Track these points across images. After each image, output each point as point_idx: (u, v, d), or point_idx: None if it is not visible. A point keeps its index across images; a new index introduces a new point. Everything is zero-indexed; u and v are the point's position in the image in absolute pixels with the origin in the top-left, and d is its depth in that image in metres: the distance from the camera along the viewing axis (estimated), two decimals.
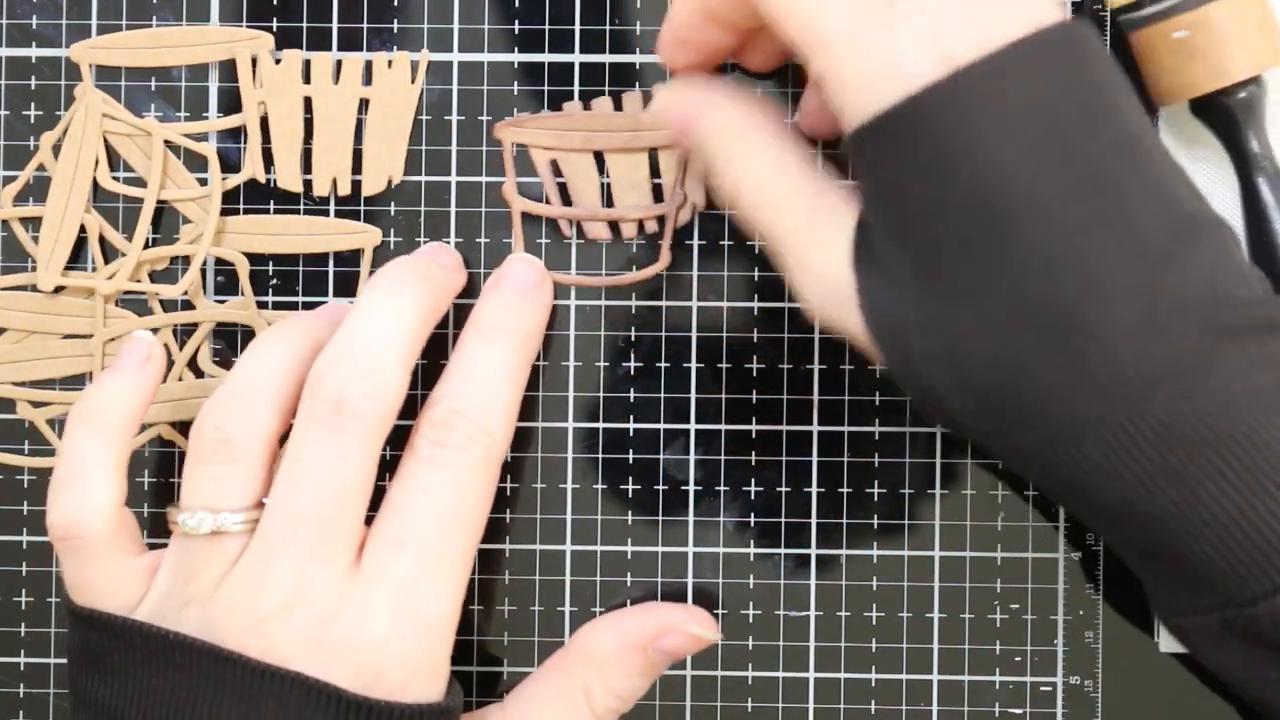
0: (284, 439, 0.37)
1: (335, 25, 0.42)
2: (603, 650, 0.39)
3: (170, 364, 0.42)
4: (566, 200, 0.41)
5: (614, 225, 0.41)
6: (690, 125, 0.37)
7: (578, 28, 0.41)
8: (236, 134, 0.42)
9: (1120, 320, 0.30)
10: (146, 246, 0.41)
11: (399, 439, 0.37)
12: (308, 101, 0.41)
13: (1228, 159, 0.39)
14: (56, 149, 0.42)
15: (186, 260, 0.41)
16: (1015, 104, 0.31)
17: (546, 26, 0.42)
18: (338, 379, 0.35)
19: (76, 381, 0.42)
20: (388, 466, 0.38)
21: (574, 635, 0.40)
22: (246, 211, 0.42)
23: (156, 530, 0.41)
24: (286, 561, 0.35)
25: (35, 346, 0.42)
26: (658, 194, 0.41)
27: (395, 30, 0.42)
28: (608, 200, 0.41)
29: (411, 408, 0.38)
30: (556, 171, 0.41)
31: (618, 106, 0.41)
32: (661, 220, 0.41)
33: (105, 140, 0.42)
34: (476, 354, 0.38)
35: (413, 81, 0.41)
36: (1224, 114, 0.38)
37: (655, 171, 0.41)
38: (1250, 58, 0.37)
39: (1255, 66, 0.38)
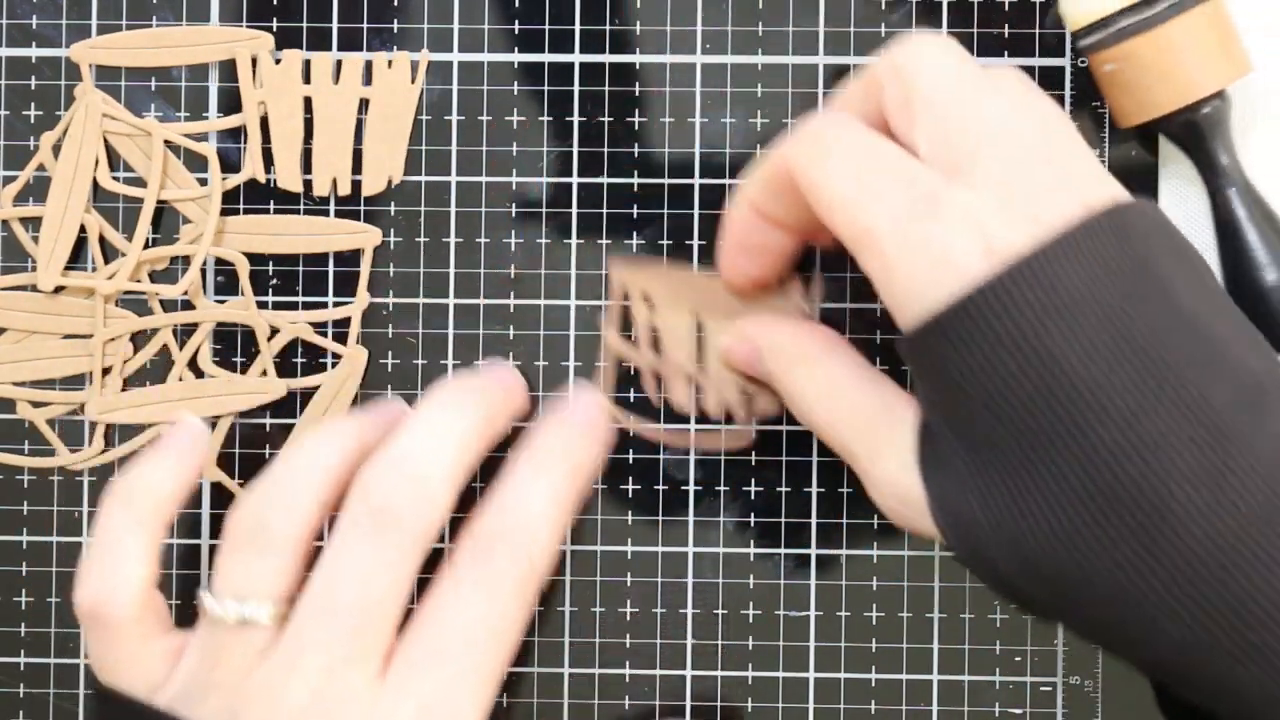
0: (320, 537, 0.36)
1: (335, 25, 0.42)
2: None
3: (170, 364, 0.42)
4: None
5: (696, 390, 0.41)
6: (756, 359, 0.38)
7: (578, 28, 0.41)
8: (236, 134, 0.42)
9: (1188, 501, 0.30)
10: (146, 246, 0.41)
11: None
12: (308, 101, 0.41)
13: (1196, 174, 0.39)
14: (56, 149, 0.42)
15: (186, 260, 0.41)
16: (1064, 295, 0.30)
17: (546, 26, 0.42)
18: (385, 486, 0.35)
19: (77, 381, 0.42)
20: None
21: None
22: (246, 211, 0.42)
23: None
24: (314, 661, 0.34)
25: (35, 346, 0.42)
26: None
27: (395, 30, 0.42)
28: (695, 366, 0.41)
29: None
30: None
31: None
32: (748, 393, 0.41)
33: (105, 140, 0.42)
34: (529, 479, 0.37)
35: (413, 81, 0.41)
36: (1191, 130, 0.38)
37: None
38: (1213, 73, 0.37)
39: (1219, 81, 0.38)
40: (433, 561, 0.35)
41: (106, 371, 0.41)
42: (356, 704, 0.34)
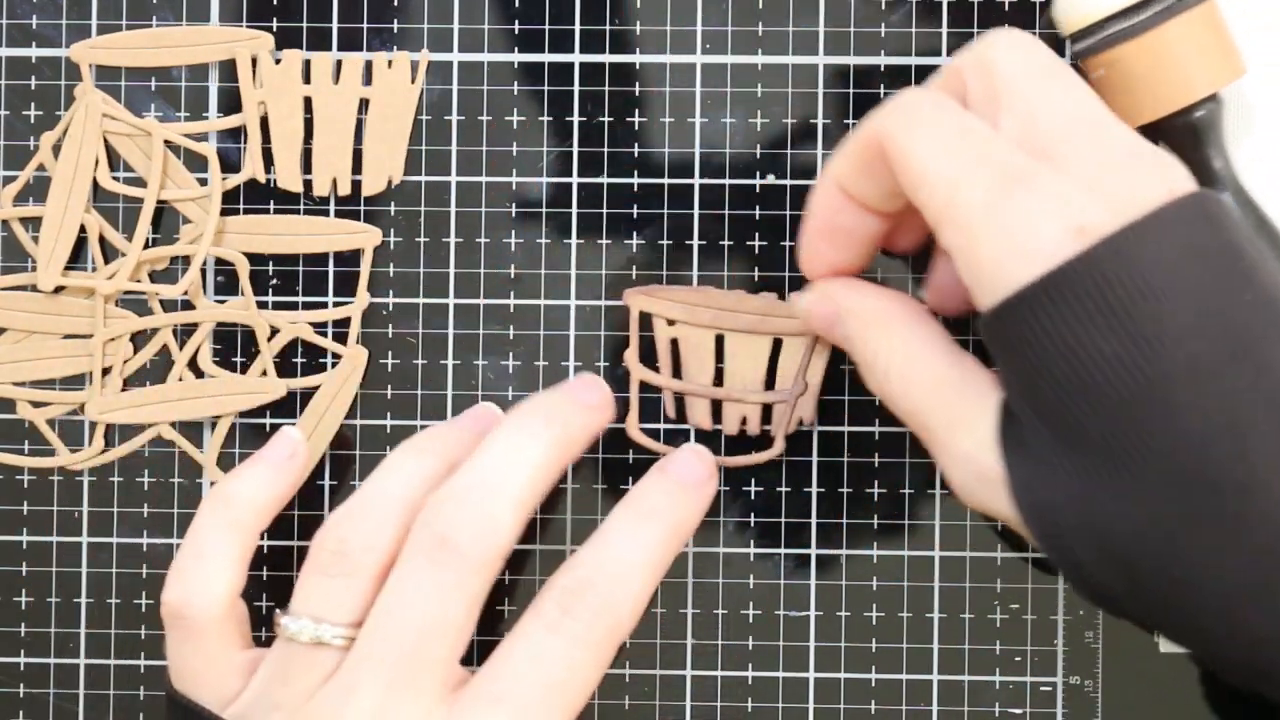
0: None
1: (335, 25, 0.42)
2: None
3: (170, 364, 0.42)
4: (676, 374, 0.41)
5: (715, 412, 0.41)
6: (836, 320, 0.37)
7: (578, 28, 0.41)
8: (236, 134, 0.42)
9: (1275, 485, 0.30)
10: (146, 246, 0.41)
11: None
12: (308, 101, 0.41)
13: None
14: (56, 149, 0.42)
15: (186, 260, 0.41)
16: (1155, 275, 0.30)
17: (546, 26, 0.42)
18: (448, 515, 0.35)
19: (77, 381, 0.42)
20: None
21: None
22: (246, 211, 0.42)
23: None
24: (372, 687, 0.34)
25: (35, 346, 0.42)
26: (767, 385, 0.41)
27: (395, 30, 0.42)
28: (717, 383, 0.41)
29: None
30: (674, 346, 0.41)
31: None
32: (766, 413, 0.41)
33: (105, 140, 0.42)
34: (625, 533, 0.37)
35: (413, 81, 0.41)
36: (1186, 133, 0.38)
37: (773, 360, 0.40)
38: (1209, 75, 0.37)
39: (1214, 84, 0.38)
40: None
41: (106, 371, 0.41)
42: None
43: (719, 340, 0.40)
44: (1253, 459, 0.30)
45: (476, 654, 0.37)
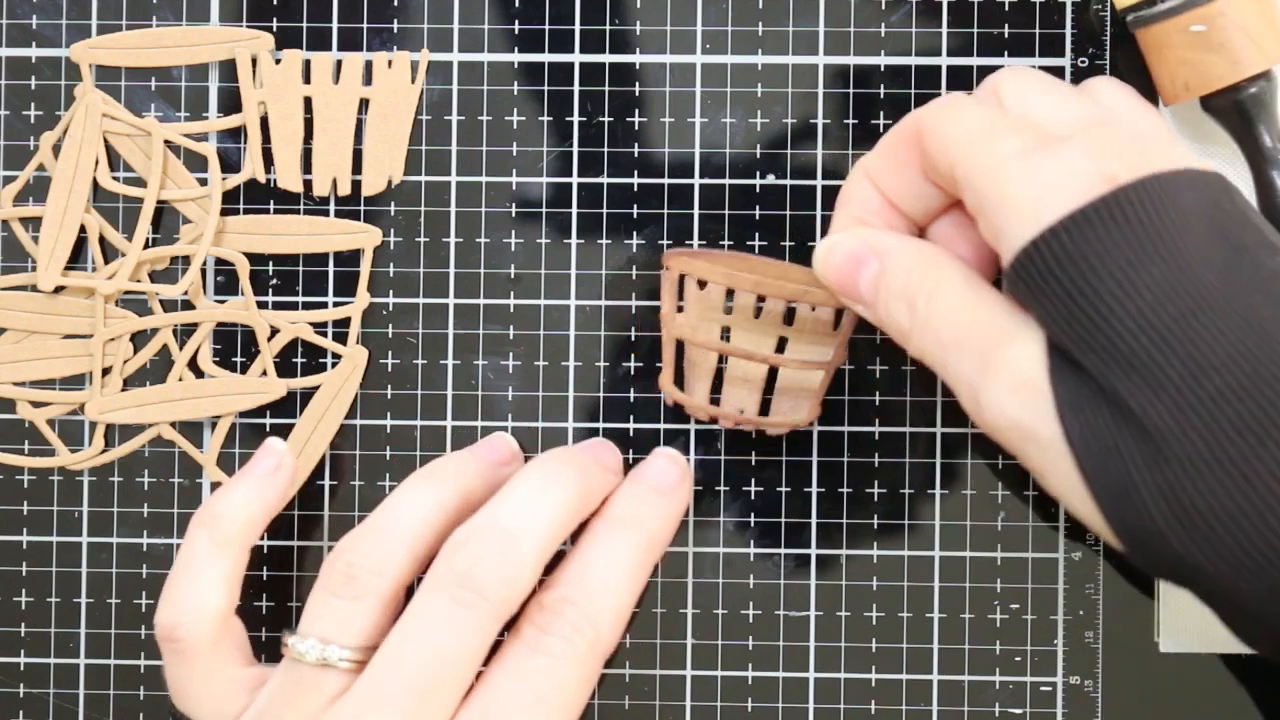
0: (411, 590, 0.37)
1: (335, 25, 0.42)
2: None
3: (170, 364, 0.42)
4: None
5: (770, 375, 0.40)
6: (864, 259, 0.37)
7: (578, 28, 0.41)
8: (236, 134, 0.42)
9: None
10: (146, 246, 0.41)
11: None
12: (308, 101, 0.41)
13: (1240, 154, 0.39)
14: (57, 149, 0.42)
15: (186, 260, 0.41)
16: (1181, 207, 0.32)
17: (546, 26, 0.42)
18: (472, 554, 0.35)
19: (77, 381, 0.42)
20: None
21: None
22: (246, 211, 0.42)
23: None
24: (376, 718, 0.34)
25: (35, 346, 0.42)
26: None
27: (395, 30, 0.42)
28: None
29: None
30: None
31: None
32: (765, 407, 0.40)
33: (105, 140, 0.42)
34: (599, 545, 0.37)
35: (413, 81, 0.41)
36: (1236, 109, 0.38)
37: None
38: (1262, 51, 0.37)
39: (1267, 60, 0.38)
40: None
41: (106, 371, 0.41)
42: None
43: (724, 333, 0.40)
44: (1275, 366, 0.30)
45: None
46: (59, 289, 0.42)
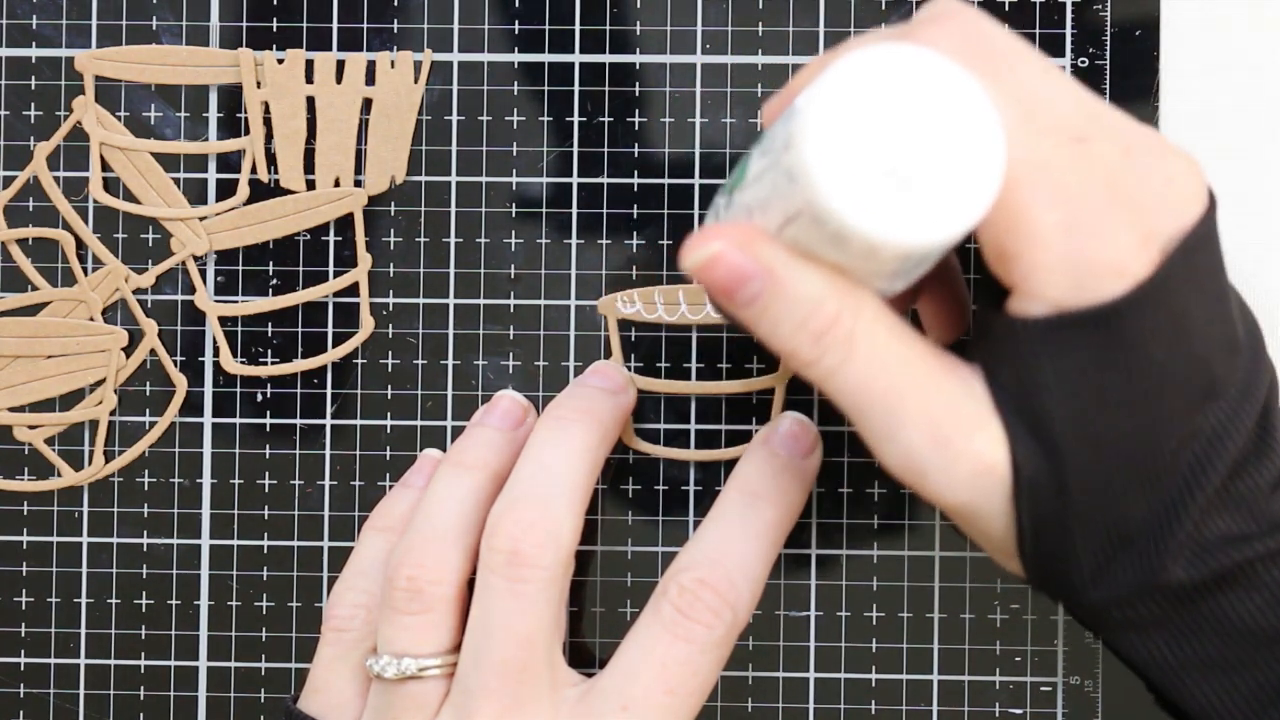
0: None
1: (335, 25, 0.42)
2: None
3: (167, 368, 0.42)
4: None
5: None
6: (752, 277, 0.30)
7: (578, 28, 0.42)
8: (237, 134, 0.42)
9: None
10: (136, 255, 0.41)
11: None
12: (310, 101, 0.41)
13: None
14: (52, 160, 0.41)
15: (181, 265, 0.41)
16: (1202, 282, 0.31)
17: (546, 26, 0.42)
18: (510, 530, 0.35)
19: (74, 397, 0.42)
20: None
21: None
22: None
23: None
24: (485, 710, 0.35)
25: (27, 369, 0.41)
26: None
27: (395, 30, 0.42)
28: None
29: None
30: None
31: None
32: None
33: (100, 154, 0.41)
34: (737, 519, 0.37)
35: (415, 81, 0.41)
36: None
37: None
38: None
39: None
40: None
41: (100, 383, 0.41)
42: None
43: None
44: None
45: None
46: (44, 305, 0.41)
